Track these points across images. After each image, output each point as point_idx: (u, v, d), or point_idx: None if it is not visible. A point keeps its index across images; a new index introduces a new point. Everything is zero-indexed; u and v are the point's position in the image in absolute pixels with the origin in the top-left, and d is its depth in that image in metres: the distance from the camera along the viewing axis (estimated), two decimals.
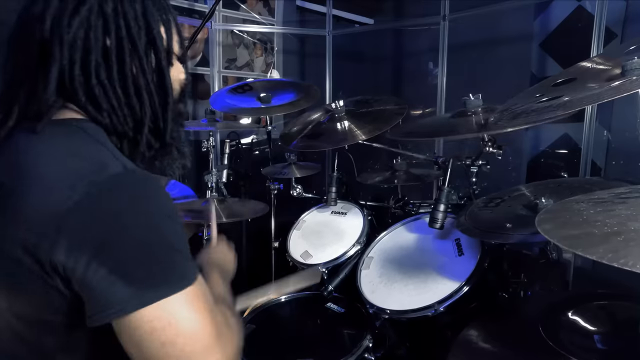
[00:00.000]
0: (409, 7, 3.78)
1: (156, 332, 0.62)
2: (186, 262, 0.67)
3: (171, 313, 0.63)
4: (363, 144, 1.89)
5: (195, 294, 0.66)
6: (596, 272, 2.18)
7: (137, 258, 0.63)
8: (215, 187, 2.06)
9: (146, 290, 0.62)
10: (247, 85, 2.39)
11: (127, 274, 0.62)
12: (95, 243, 0.62)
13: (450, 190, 1.48)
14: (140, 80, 0.76)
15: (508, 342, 1.13)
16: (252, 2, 3.62)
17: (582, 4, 2.60)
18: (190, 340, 0.64)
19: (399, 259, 1.66)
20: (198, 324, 0.65)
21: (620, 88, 0.85)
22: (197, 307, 0.66)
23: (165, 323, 0.63)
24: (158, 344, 0.63)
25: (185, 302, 0.64)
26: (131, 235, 0.63)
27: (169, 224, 0.67)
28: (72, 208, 0.62)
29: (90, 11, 0.72)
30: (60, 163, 0.68)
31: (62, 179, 0.65)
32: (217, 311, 0.70)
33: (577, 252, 0.67)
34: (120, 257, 0.62)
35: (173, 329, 0.63)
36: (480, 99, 1.51)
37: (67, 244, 0.62)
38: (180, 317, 0.64)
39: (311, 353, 1.47)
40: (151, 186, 0.69)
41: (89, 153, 0.70)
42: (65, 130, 0.72)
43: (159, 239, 0.65)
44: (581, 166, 2.23)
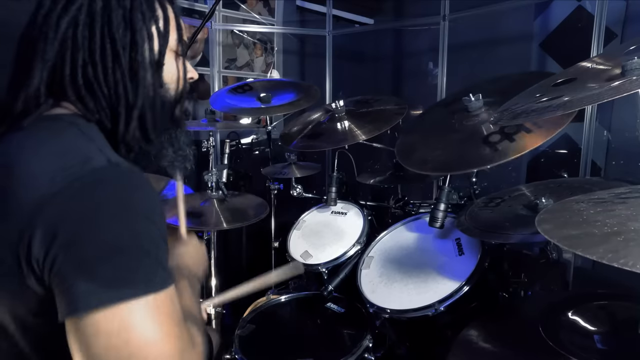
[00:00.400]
0: (409, 7, 3.78)
1: (108, 335, 0.59)
2: (156, 267, 0.64)
3: (128, 317, 0.60)
4: (363, 144, 1.90)
5: (160, 304, 0.63)
6: (596, 272, 2.18)
7: (104, 256, 0.61)
8: (215, 187, 2.06)
9: (107, 290, 0.59)
10: (247, 85, 2.39)
11: (90, 271, 0.60)
12: (67, 235, 0.60)
13: (450, 190, 1.48)
14: (118, 76, 0.76)
15: (508, 342, 1.13)
16: (252, 2, 3.62)
17: (582, 4, 2.60)
18: (144, 349, 0.60)
19: (399, 259, 1.66)
20: (156, 334, 0.61)
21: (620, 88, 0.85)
22: (159, 316, 0.62)
23: (120, 327, 0.59)
24: (108, 348, 0.59)
25: (146, 308, 0.61)
26: (102, 231, 0.61)
27: (144, 225, 0.65)
28: (49, 200, 0.61)
29: (80, 10, 0.73)
30: (45, 157, 0.67)
31: (45, 173, 0.64)
32: (184, 328, 0.66)
33: (577, 252, 0.67)
34: (88, 253, 0.60)
35: (127, 334, 0.59)
36: (480, 99, 1.51)
37: (41, 235, 0.60)
38: (136, 323, 0.60)
39: (311, 353, 1.47)
40: (133, 183, 0.68)
41: (74, 147, 0.69)
42: (55, 125, 0.72)
43: (130, 240, 0.63)
44: (581, 166, 2.23)
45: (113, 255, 0.61)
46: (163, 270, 0.65)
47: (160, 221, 0.68)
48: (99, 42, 0.73)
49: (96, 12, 0.73)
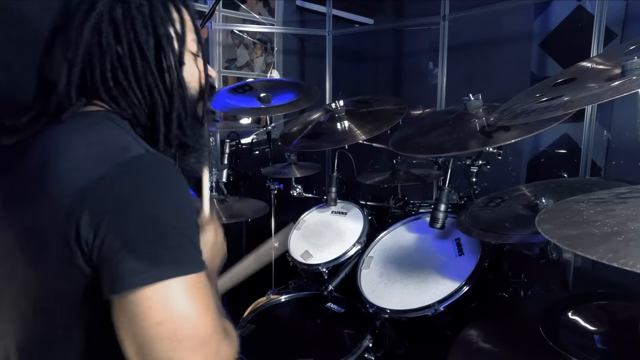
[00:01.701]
0: (409, 7, 3.78)
1: (152, 311, 0.63)
2: (194, 250, 0.69)
3: (171, 295, 0.64)
4: (363, 144, 1.89)
5: (199, 284, 0.67)
6: (596, 272, 2.18)
7: (148, 236, 0.65)
8: (215, 187, 2.06)
9: (152, 268, 0.63)
10: (247, 85, 2.39)
11: (136, 250, 0.63)
12: (113, 215, 0.64)
13: (450, 190, 1.48)
14: (151, 81, 0.80)
15: (508, 342, 1.13)
16: (252, 2, 3.62)
17: (582, 4, 2.60)
18: (184, 325, 0.64)
19: (399, 259, 1.66)
20: (195, 312, 0.65)
21: (620, 88, 0.85)
22: (198, 296, 0.66)
23: (163, 304, 0.63)
24: (152, 324, 0.63)
25: (186, 287, 0.65)
26: (146, 213, 0.65)
27: (183, 210, 0.69)
28: (95, 183, 0.65)
29: (100, 18, 0.77)
30: (85, 147, 0.71)
31: (87, 161, 0.69)
32: (217, 309, 0.70)
33: (577, 252, 0.67)
34: (132, 232, 0.64)
35: (170, 310, 0.63)
36: (480, 99, 1.51)
37: (88, 215, 0.64)
38: (178, 301, 0.64)
39: (311, 353, 1.47)
40: (170, 171, 0.71)
41: (113, 138, 0.74)
42: (92, 119, 0.77)
43: (171, 222, 0.67)
44: (581, 166, 2.23)
45: (157, 236, 0.65)
46: (199, 253, 0.70)
47: (193, 207, 0.72)
48: (126, 48, 0.78)
49: (118, 19, 0.77)
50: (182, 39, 0.84)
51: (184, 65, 0.84)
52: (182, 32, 0.84)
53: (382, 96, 2.12)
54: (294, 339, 1.59)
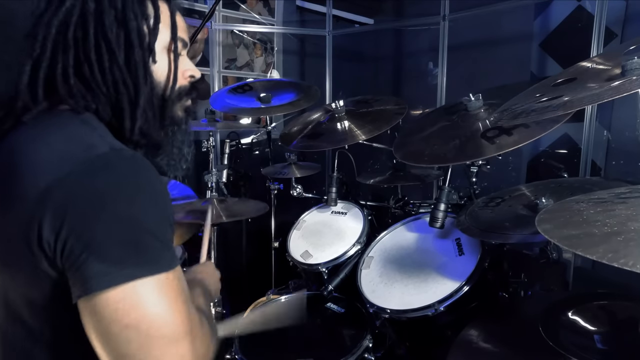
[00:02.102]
0: (409, 7, 3.78)
1: (120, 313, 0.61)
2: (162, 248, 0.66)
3: (138, 296, 0.62)
4: (363, 144, 1.89)
5: (168, 282, 0.65)
6: (596, 272, 2.18)
7: (112, 237, 0.63)
8: (215, 187, 2.06)
9: (116, 269, 0.62)
10: (247, 85, 2.39)
11: (100, 252, 0.62)
12: (76, 218, 0.62)
13: (450, 190, 1.48)
14: (117, 75, 0.77)
15: (508, 342, 1.13)
16: (252, 2, 3.62)
17: (582, 4, 2.60)
18: (155, 325, 0.63)
19: (399, 259, 1.66)
20: (166, 311, 0.64)
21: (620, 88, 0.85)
22: (168, 294, 0.65)
23: (131, 305, 0.62)
24: (121, 326, 0.61)
25: (155, 287, 0.64)
26: (107, 213, 0.63)
27: (150, 207, 0.67)
28: (56, 184, 0.63)
29: (71, 12, 0.75)
30: (50, 147, 0.69)
31: (51, 161, 0.67)
32: (192, 307, 0.69)
33: (577, 252, 0.67)
34: (97, 235, 0.62)
35: (138, 312, 0.62)
36: (480, 99, 1.51)
37: (50, 219, 0.63)
38: (147, 301, 0.63)
39: (311, 353, 1.47)
40: (137, 166, 0.69)
41: (78, 136, 0.71)
42: (57, 117, 0.74)
43: (136, 221, 0.65)
44: (581, 166, 2.23)
45: (121, 236, 0.63)
46: (169, 250, 0.67)
47: (164, 203, 0.70)
48: (93, 42, 0.75)
49: (89, 12, 0.75)
50: (155, 36, 0.81)
51: (155, 63, 0.82)
52: (155, 29, 0.81)
53: (382, 96, 2.12)
54: (294, 339, 1.59)
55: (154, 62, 0.82)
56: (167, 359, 0.64)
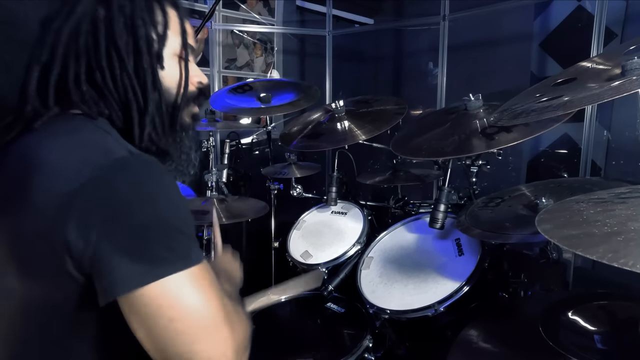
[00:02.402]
0: (409, 7, 3.78)
1: (163, 309, 0.64)
2: (189, 243, 0.69)
3: (176, 290, 0.65)
4: (363, 144, 1.89)
5: (200, 274, 0.68)
6: (596, 272, 2.18)
7: (141, 237, 0.65)
8: (215, 187, 2.06)
9: (150, 268, 0.64)
10: (247, 85, 2.39)
11: (130, 252, 0.64)
12: (102, 222, 0.64)
13: (450, 190, 1.47)
14: (126, 82, 0.79)
15: (508, 342, 1.13)
16: (252, 2, 3.62)
17: (582, 4, 2.60)
18: (197, 316, 0.66)
19: (399, 259, 1.66)
20: (203, 302, 0.66)
21: (620, 88, 0.85)
22: (202, 286, 0.67)
23: (171, 300, 0.64)
24: (166, 320, 0.64)
25: (189, 280, 0.66)
26: (135, 215, 0.65)
27: (172, 206, 0.69)
28: (79, 190, 0.64)
29: (81, 19, 0.76)
30: (66, 151, 0.70)
31: (69, 166, 0.67)
32: (225, 297, 0.71)
33: (577, 252, 0.67)
34: (125, 236, 0.64)
35: (179, 306, 0.65)
36: (480, 99, 1.51)
37: (76, 223, 0.64)
38: (185, 295, 0.65)
39: (311, 353, 1.47)
40: (155, 169, 0.71)
41: (94, 140, 0.72)
42: (71, 123, 0.76)
43: (162, 220, 0.67)
44: (581, 166, 2.23)
45: (149, 235, 0.65)
46: (195, 244, 0.70)
47: (184, 202, 0.72)
48: (104, 49, 0.77)
49: (99, 20, 0.76)
50: (163, 42, 0.82)
51: (163, 69, 0.82)
52: (164, 35, 0.82)
53: (382, 96, 2.12)
54: (294, 339, 1.59)
55: (162, 69, 0.82)
56: (213, 345, 0.66)
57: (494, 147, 1.32)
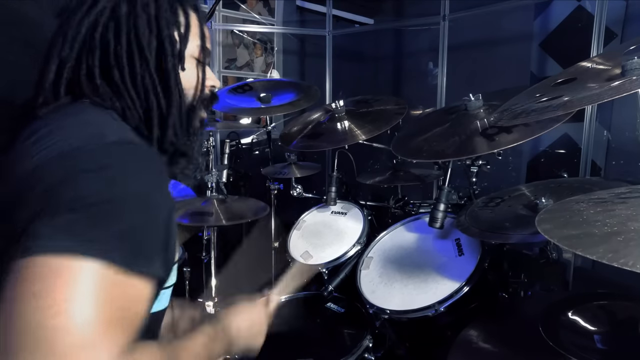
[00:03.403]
0: (409, 7, 3.78)
1: (33, 282, 0.53)
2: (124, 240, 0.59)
3: (66, 274, 0.54)
4: (363, 144, 1.89)
5: (112, 282, 0.57)
6: (596, 272, 2.18)
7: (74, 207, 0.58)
8: (215, 187, 2.06)
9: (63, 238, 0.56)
10: (247, 85, 2.39)
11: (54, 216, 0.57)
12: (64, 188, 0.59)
13: (450, 190, 1.48)
14: (148, 82, 0.77)
15: (508, 342, 1.13)
16: (252, 2, 3.63)
17: (582, 4, 2.60)
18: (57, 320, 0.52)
19: (399, 259, 1.66)
20: (82, 312, 0.53)
21: (620, 88, 0.85)
22: (100, 293, 0.55)
23: (49, 282, 0.53)
24: (27, 292, 0.53)
25: (90, 276, 0.55)
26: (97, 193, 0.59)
27: (133, 201, 0.62)
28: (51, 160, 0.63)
29: (102, 14, 0.75)
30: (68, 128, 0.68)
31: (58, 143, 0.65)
32: (125, 332, 0.58)
33: (577, 252, 0.67)
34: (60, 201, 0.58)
35: (53, 293, 0.53)
36: (480, 99, 1.51)
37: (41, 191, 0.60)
38: (69, 286, 0.53)
39: (311, 353, 1.47)
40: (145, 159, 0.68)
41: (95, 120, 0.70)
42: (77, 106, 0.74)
43: (113, 208, 0.60)
44: (581, 166, 2.23)
45: (83, 210, 0.58)
46: (140, 255, 0.61)
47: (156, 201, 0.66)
48: (125, 47, 0.75)
49: (121, 16, 0.75)
50: (185, 44, 0.81)
51: (183, 71, 0.82)
52: (186, 37, 0.81)
53: (382, 96, 2.12)
54: (294, 339, 1.59)
55: (182, 70, 0.82)
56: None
57: (495, 149, 1.32)
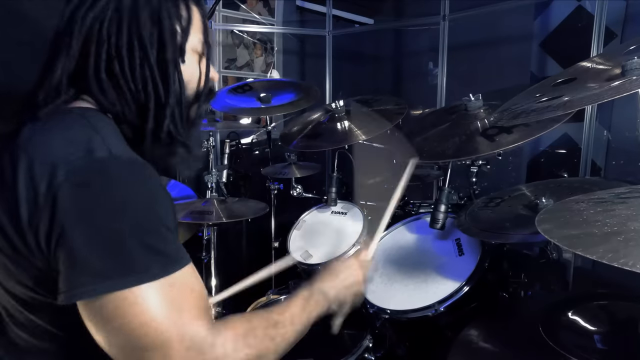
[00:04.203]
0: (409, 7, 3.78)
1: (117, 318, 0.63)
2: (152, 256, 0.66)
3: (131, 301, 0.63)
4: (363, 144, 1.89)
5: (158, 291, 0.65)
6: (596, 272, 2.18)
7: (102, 244, 0.64)
8: (215, 187, 2.06)
9: (106, 277, 0.63)
10: (247, 85, 2.39)
11: (83, 263, 0.63)
12: (69, 224, 0.64)
13: (450, 191, 1.47)
14: (147, 74, 0.78)
15: (508, 342, 1.13)
16: (252, 2, 3.62)
17: (582, 4, 2.60)
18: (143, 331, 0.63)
19: (399, 259, 1.66)
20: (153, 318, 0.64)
21: (620, 88, 0.85)
22: (159, 302, 0.64)
23: (125, 310, 0.63)
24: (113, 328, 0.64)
25: (139, 295, 0.64)
26: (100, 220, 0.65)
27: (142, 216, 0.67)
28: (54, 190, 0.64)
29: (107, 7, 0.76)
30: (51, 148, 0.69)
31: (51, 163, 0.67)
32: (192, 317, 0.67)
33: (577, 252, 0.67)
34: (88, 241, 0.64)
35: (133, 315, 0.63)
36: (480, 99, 1.51)
37: (47, 222, 0.64)
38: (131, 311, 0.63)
39: (311, 353, 1.47)
40: (132, 173, 0.70)
41: (79, 138, 0.70)
42: (67, 117, 0.74)
43: (127, 228, 0.65)
44: (581, 166, 2.23)
45: (110, 244, 0.64)
46: (165, 256, 0.67)
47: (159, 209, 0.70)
48: (125, 38, 0.76)
49: (124, 8, 0.76)
50: (186, 37, 0.82)
51: (184, 64, 0.83)
52: (187, 30, 0.82)
53: (382, 96, 2.12)
54: None
55: (182, 63, 0.83)
56: None
57: (495, 149, 1.32)
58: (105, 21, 0.75)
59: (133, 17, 0.76)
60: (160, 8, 0.78)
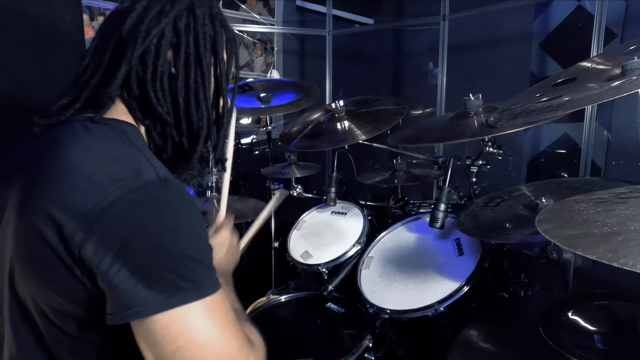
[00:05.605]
0: (409, 7, 3.78)
1: (170, 337, 0.64)
2: (205, 272, 0.69)
3: (187, 320, 0.65)
4: (363, 144, 1.89)
5: (214, 305, 0.68)
6: (596, 272, 2.18)
7: (158, 264, 0.65)
8: (215, 187, 2.06)
9: (165, 296, 0.64)
10: (247, 85, 2.39)
11: (147, 278, 0.64)
12: (121, 244, 0.65)
13: (450, 190, 1.48)
14: (200, 95, 0.83)
15: (508, 342, 1.13)
16: (252, 2, 3.63)
17: (582, 4, 2.60)
18: (206, 348, 0.66)
19: (399, 259, 1.66)
20: (215, 333, 0.67)
21: (620, 88, 0.85)
22: (216, 316, 0.68)
23: (180, 330, 0.65)
24: (173, 348, 0.64)
25: (202, 311, 0.66)
26: (154, 241, 0.66)
27: (192, 235, 0.70)
28: (105, 208, 0.65)
29: (168, 24, 0.79)
30: (98, 163, 0.71)
31: (100, 179, 0.68)
32: (239, 327, 0.71)
33: (577, 252, 0.67)
34: (143, 261, 0.65)
35: (189, 335, 0.65)
36: (480, 99, 1.51)
37: (96, 241, 0.64)
38: (195, 326, 0.65)
39: (311, 353, 1.47)
40: (179, 197, 0.72)
41: (126, 157, 0.73)
42: (107, 131, 0.76)
43: (181, 249, 0.67)
44: (581, 166, 2.23)
45: (167, 263, 0.66)
46: (212, 272, 0.70)
47: (204, 230, 0.74)
48: (183, 57, 0.80)
49: (180, 29, 0.80)
50: (229, 69, 0.88)
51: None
52: (229, 63, 0.88)
53: (382, 96, 2.12)
54: (294, 339, 1.59)
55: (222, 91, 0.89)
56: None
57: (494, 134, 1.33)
58: (165, 37, 0.79)
59: (191, 38, 0.81)
60: (215, 35, 0.84)
